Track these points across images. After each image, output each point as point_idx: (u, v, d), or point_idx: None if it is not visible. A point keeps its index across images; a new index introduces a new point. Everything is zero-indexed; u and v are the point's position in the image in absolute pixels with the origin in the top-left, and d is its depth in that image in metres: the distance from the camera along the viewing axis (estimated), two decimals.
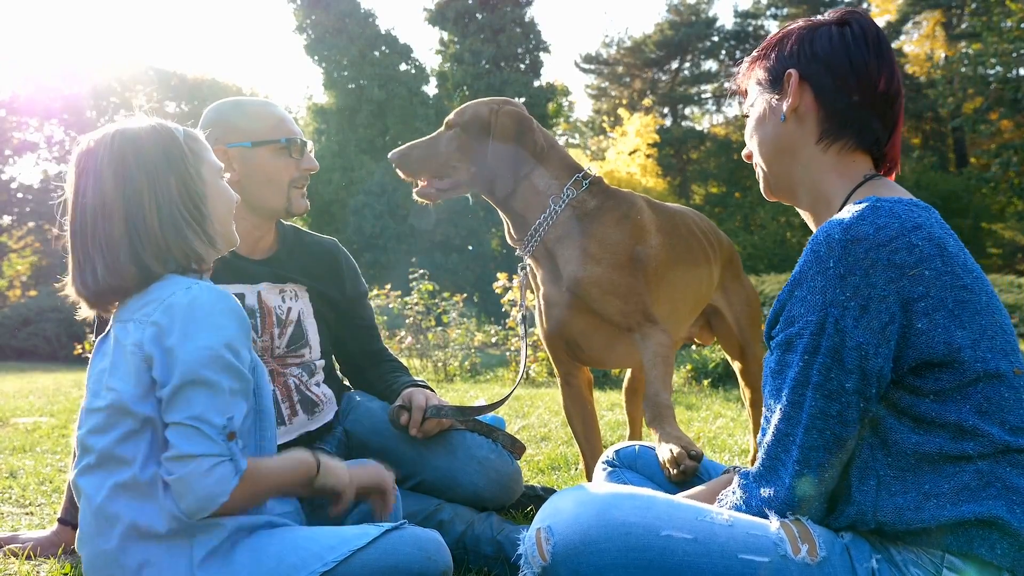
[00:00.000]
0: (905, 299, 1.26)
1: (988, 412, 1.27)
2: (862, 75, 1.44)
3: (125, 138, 1.62)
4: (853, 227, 1.28)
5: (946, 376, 1.27)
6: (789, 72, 1.48)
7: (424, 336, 9.85)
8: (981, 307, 1.30)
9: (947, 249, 1.29)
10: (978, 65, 25.76)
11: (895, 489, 1.28)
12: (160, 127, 1.66)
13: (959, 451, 1.26)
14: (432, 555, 1.62)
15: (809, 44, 1.48)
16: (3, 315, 19.58)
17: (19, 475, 3.51)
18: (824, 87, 1.46)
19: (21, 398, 7.31)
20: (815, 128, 1.48)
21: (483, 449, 2.39)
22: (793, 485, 1.31)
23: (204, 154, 1.70)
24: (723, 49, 37.86)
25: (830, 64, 1.45)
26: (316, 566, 1.52)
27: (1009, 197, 26.72)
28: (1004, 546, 1.22)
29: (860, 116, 1.46)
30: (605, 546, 1.24)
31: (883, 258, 1.25)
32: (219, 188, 1.71)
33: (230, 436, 1.48)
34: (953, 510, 1.23)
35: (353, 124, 29.65)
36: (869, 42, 1.45)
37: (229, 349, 1.51)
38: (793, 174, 1.53)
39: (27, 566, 2.14)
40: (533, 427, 4.83)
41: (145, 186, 1.59)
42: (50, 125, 30.53)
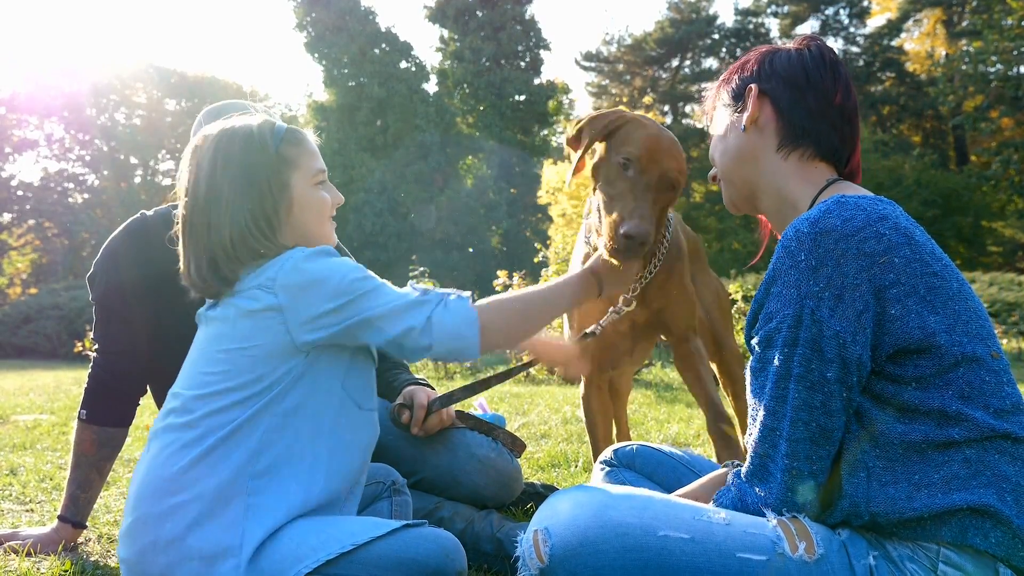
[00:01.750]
0: (877, 286, 1.29)
1: (971, 397, 1.29)
2: (818, 89, 1.52)
3: (222, 141, 1.69)
4: (821, 220, 1.31)
5: (924, 362, 1.29)
6: (750, 86, 1.56)
7: None
8: (953, 293, 1.33)
9: (914, 238, 1.33)
10: (979, 63, 25.77)
11: (886, 479, 1.29)
12: (258, 132, 1.71)
13: (945, 437, 1.27)
14: (451, 553, 1.62)
15: (769, 63, 1.57)
16: (3, 313, 19.60)
17: (19, 472, 3.51)
18: (782, 99, 1.54)
19: (21, 396, 7.32)
20: (774, 137, 1.55)
21: (483, 447, 2.40)
22: (785, 481, 1.32)
23: (301, 160, 1.74)
24: (723, 47, 37.87)
25: (787, 78, 1.54)
26: (335, 547, 1.54)
27: (1009, 195, 26.71)
28: (997, 535, 1.23)
29: (817, 126, 1.53)
30: (602, 547, 1.24)
31: (852, 248, 1.29)
32: (309, 197, 1.75)
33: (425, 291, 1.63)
34: (944, 499, 1.24)
35: (353, 122, 29.67)
36: (826, 62, 1.54)
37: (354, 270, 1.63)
38: (754, 181, 1.59)
39: (27, 563, 2.14)
40: (533, 424, 4.84)
41: (226, 194, 1.66)
42: (50, 123, 30.56)
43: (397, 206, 28.66)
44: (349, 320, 1.58)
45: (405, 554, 1.57)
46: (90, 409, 2.33)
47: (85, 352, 9.01)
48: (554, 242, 14.41)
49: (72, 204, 31.02)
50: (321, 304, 1.57)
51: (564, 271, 9.39)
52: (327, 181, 1.83)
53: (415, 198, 28.83)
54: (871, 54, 35.66)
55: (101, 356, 2.35)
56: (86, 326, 15.69)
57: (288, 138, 1.73)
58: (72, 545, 2.31)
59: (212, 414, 1.57)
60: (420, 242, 27.81)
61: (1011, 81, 25.05)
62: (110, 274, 2.33)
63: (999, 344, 1.36)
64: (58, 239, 29.77)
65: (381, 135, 29.88)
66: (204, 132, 1.73)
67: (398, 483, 2.02)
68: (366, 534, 1.56)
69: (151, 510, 1.56)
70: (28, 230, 29.49)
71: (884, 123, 35.77)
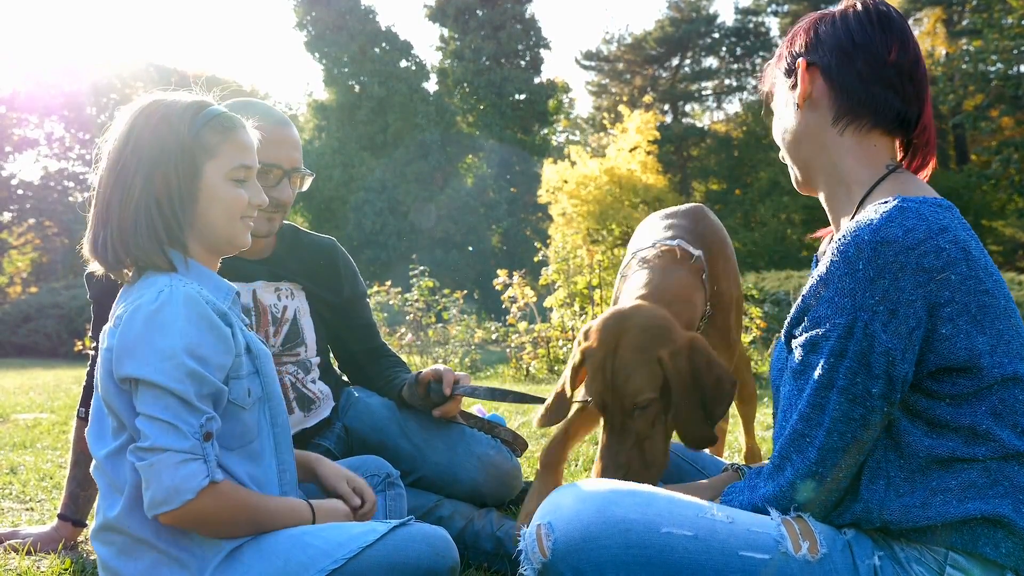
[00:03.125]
0: (932, 303, 1.25)
1: (1002, 415, 1.27)
2: (867, 50, 1.43)
3: (143, 112, 1.59)
4: (882, 229, 1.26)
5: (964, 381, 1.27)
6: (800, 61, 1.50)
7: (424, 333, 9.86)
8: (1000, 311, 1.29)
9: (971, 253, 1.29)
10: (979, 62, 25.75)
11: (903, 490, 1.28)
12: (181, 109, 1.60)
13: (971, 455, 1.26)
14: (441, 551, 1.61)
15: (813, 32, 1.50)
16: (4, 311, 19.58)
17: (19, 471, 3.51)
18: (830, 68, 1.46)
19: (22, 394, 7.31)
20: (829, 110, 1.48)
21: (483, 445, 2.39)
22: (795, 483, 1.31)
23: (220, 149, 1.61)
24: (724, 46, 37.84)
25: (834, 46, 1.46)
26: (326, 563, 1.51)
27: (1010, 194, 26.70)
28: (1009, 545, 1.22)
29: (873, 92, 1.44)
30: (605, 543, 1.24)
31: (912, 262, 1.24)
32: (221, 191, 1.61)
33: (206, 436, 1.47)
34: (959, 507, 1.23)
35: (353, 121, 29.66)
36: (872, 19, 1.45)
37: (192, 355, 1.46)
38: (812, 160, 1.52)
39: (27, 561, 2.14)
40: (533, 424, 4.82)
41: (132, 167, 1.56)
42: (50, 122, 30.50)
43: (397, 205, 28.64)
44: (126, 403, 1.50)
45: (397, 558, 1.56)
46: (89, 407, 2.32)
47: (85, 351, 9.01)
48: (554, 241, 14.42)
49: (72, 203, 30.94)
50: (122, 370, 1.48)
51: (563, 269, 9.40)
52: (252, 180, 1.68)
53: (415, 197, 28.81)
54: None
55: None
56: (86, 325, 15.66)
57: (214, 124, 1.61)
58: (72, 543, 2.31)
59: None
60: (420, 241, 27.79)
61: (1011, 80, 25.01)
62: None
63: None
64: (58, 238, 29.74)
65: (381, 134, 29.86)
66: (139, 100, 1.63)
67: (392, 476, 2.01)
68: (355, 543, 1.55)
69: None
70: (28, 229, 29.46)
71: None
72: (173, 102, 1.61)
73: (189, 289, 1.52)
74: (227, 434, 1.58)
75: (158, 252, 1.55)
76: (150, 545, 1.52)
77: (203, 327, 1.50)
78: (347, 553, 1.53)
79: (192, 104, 1.62)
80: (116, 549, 1.55)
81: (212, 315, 1.52)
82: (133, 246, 1.55)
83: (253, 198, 1.67)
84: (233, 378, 1.57)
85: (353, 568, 1.52)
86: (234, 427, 1.59)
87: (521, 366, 8.61)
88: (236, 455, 1.60)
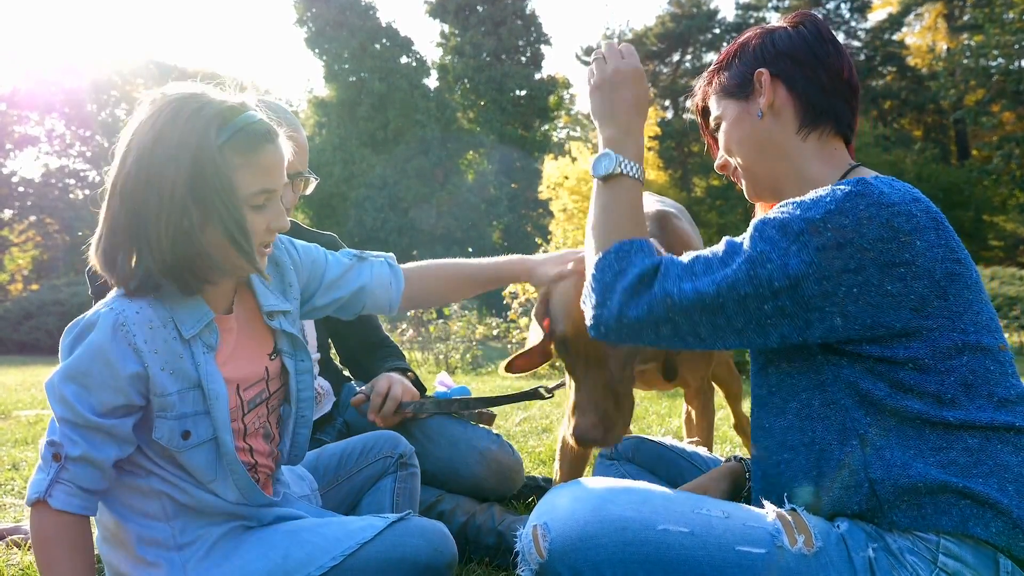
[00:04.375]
0: (887, 261, 1.26)
1: (974, 384, 1.28)
2: (827, 65, 1.50)
3: (172, 113, 1.42)
4: (859, 185, 1.30)
5: (917, 345, 1.28)
6: (759, 71, 1.52)
7: (425, 329, 9.88)
8: (971, 282, 1.32)
9: (942, 223, 1.31)
10: (980, 57, 25.74)
11: (880, 444, 1.29)
12: (209, 119, 1.42)
13: (940, 419, 1.27)
14: (439, 546, 1.62)
15: (771, 44, 1.54)
16: (5, 309, 19.62)
17: (21, 467, 3.52)
18: (795, 78, 1.51)
19: (23, 391, 7.33)
20: (793, 120, 1.51)
21: (485, 440, 2.40)
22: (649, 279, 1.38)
23: (237, 174, 1.44)
24: (725, 41, 37.74)
25: (796, 58, 1.51)
26: (324, 560, 1.52)
27: (1011, 189, 26.70)
28: (999, 524, 1.23)
29: (833, 104, 1.51)
30: (602, 541, 1.24)
31: (882, 216, 1.26)
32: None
33: (55, 457, 1.42)
34: (940, 473, 1.25)
35: (354, 117, 29.65)
36: (825, 37, 1.52)
37: (72, 381, 1.41)
38: (777, 169, 1.55)
39: (30, 557, 2.15)
40: (534, 419, 4.84)
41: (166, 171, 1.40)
42: (51, 119, 30.55)
43: (398, 202, 28.64)
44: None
45: (394, 554, 1.56)
46: None
47: None
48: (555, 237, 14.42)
49: (73, 200, 31.00)
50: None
51: None
52: (274, 201, 1.52)
53: (415, 193, 28.81)
54: (872, 48, 35.58)
55: None
56: None
57: (235, 144, 1.43)
58: None
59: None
60: (420, 238, 27.79)
61: (1012, 75, 25.01)
62: None
63: (1004, 338, 1.35)
64: (59, 235, 29.78)
65: (382, 130, 29.84)
66: (165, 92, 1.46)
67: (405, 455, 1.99)
68: (353, 540, 1.55)
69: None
70: (29, 226, 29.50)
71: (885, 117, 35.71)
72: (203, 103, 1.44)
73: (125, 316, 1.43)
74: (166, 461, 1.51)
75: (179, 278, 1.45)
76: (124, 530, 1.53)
77: (98, 358, 1.41)
78: (345, 549, 1.53)
79: (224, 108, 1.44)
80: (99, 536, 1.57)
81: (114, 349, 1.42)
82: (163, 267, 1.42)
83: (273, 223, 1.51)
84: (158, 417, 1.46)
85: (351, 564, 1.53)
86: (170, 460, 1.51)
87: None
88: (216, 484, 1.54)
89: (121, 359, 1.42)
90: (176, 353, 1.47)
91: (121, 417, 1.44)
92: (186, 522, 1.53)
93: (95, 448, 1.42)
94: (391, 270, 1.92)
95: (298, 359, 1.71)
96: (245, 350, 1.61)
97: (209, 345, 1.51)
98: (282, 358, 1.69)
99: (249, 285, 1.67)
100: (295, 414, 1.72)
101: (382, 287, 1.88)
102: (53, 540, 1.42)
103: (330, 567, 1.52)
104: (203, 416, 1.49)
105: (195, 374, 1.48)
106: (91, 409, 1.41)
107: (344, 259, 1.88)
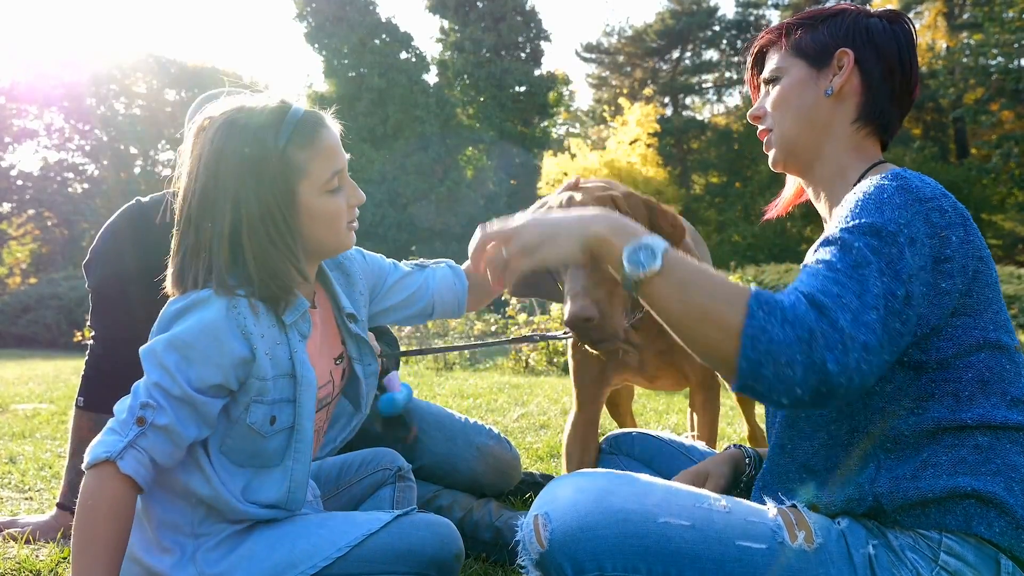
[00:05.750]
0: (935, 257, 1.26)
1: (989, 381, 1.28)
2: (905, 73, 1.48)
3: (225, 133, 1.48)
4: (900, 178, 1.29)
5: (944, 344, 1.28)
6: (844, 50, 1.48)
7: (424, 325, 9.86)
8: (991, 281, 1.32)
9: (969, 221, 1.31)
10: (979, 55, 25.76)
11: (891, 465, 1.29)
12: (264, 123, 1.49)
13: (958, 422, 1.26)
14: (445, 539, 1.62)
15: (866, 30, 1.49)
16: (3, 302, 19.61)
17: (19, 461, 3.52)
18: (873, 74, 1.48)
19: (21, 385, 7.32)
20: (854, 110, 1.49)
21: (482, 436, 2.40)
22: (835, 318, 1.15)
23: (311, 166, 1.52)
24: (724, 39, 37.76)
25: (882, 55, 1.48)
26: (330, 551, 1.53)
27: (1010, 188, 26.74)
28: (1002, 524, 1.22)
29: (892, 112, 1.50)
30: (602, 532, 1.24)
31: (923, 212, 1.26)
32: (319, 207, 1.54)
33: (139, 420, 1.42)
34: (949, 480, 1.24)
35: (353, 112, 29.60)
36: (913, 46, 1.50)
37: (175, 349, 1.44)
38: (820, 147, 1.52)
39: (26, 550, 2.14)
40: (532, 415, 4.84)
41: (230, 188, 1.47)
42: (50, 112, 30.51)
43: (397, 197, 28.63)
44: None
45: (401, 545, 1.57)
46: (88, 396, 2.33)
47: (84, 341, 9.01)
48: None
49: (72, 194, 30.98)
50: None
51: None
52: (344, 177, 1.60)
53: (415, 189, 28.79)
54: None
55: (98, 343, 2.35)
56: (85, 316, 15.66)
57: (297, 137, 1.50)
58: (70, 532, 2.31)
59: None
60: (419, 234, 27.78)
61: (1012, 74, 25.01)
62: (108, 260, 2.32)
63: (1017, 339, 1.34)
64: (58, 229, 29.74)
65: (381, 126, 29.81)
66: (209, 114, 1.53)
67: (403, 469, 2.01)
68: (359, 531, 1.56)
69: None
70: (28, 220, 29.46)
71: None
72: (249, 117, 1.50)
73: (236, 299, 1.48)
74: (236, 450, 1.55)
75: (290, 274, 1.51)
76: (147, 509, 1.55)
77: (207, 334, 1.44)
78: (351, 541, 1.54)
79: (270, 115, 1.51)
80: None
81: (225, 329, 1.46)
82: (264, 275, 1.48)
83: (351, 199, 1.61)
84: (255, 401, 1.51)
85: (357, 555, 1.53)
86: (245, 446, 1.54)
87: (520, 358, 8.62)
88: (244, 471, 1.56)
89: (230, 340, 1.46)
90: (275, 339, 1.52)
91: (213, 397, 1.47)
92: (209, 514, 1.54)
93: (181, 421, 1.44)
94: (452, 272, 1.99)
95: (365, 363, 1.78)
96: (325, 347, 1.67)
97: (303, 334, 1.57)
98: (350, 363, 1.75)
99: (328, 287, 1.73)
100: (358, 417, 1.81)
101: (447, 288, 1.95)
102: (105, 509, 1.39)
103: (336, 557, 1.52)
104: (288, 404, 1.54)
105: (289, 361, 1.53)
106: (189, 381, 1.43)
107: (406, 266, 1.97)
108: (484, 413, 4.96)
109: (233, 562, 1.52)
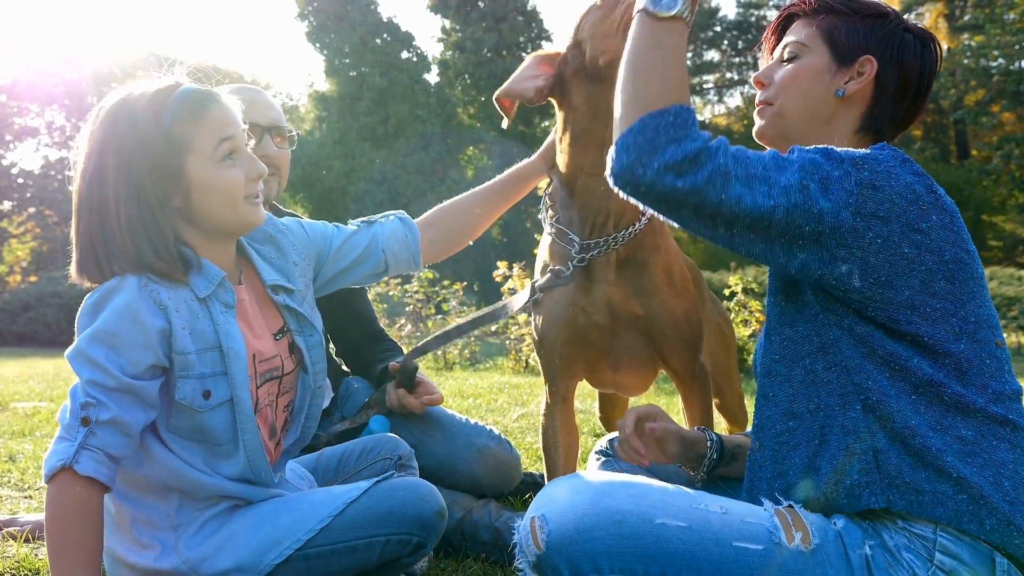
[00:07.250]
0: (906, 223, 1.27)
1: (968, 373, 1.29)
2: (917, 99, 1.51)
3: (110, 120, 1.50)
4: (887, 146, 1.33)
5: (917, 319, 1.29)
6: (869, 59, 1.48)
7: (424, 324, 9.86)
8: (976, 276, 1.33)
9: (956, 214, 1.32)
10: (980, 57, 25.78)
11: (884, 411, 1.29)
12: (146, 107, 1.49)
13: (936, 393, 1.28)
14: (425, 496, 1.63)
15: (899, 44, 1.49)
16: (3, 300, 19.58)
17: (18, 459, 3.52)
18: (888, 89, 1.49)
19: (21, 383, 7.31)
20: (859, 115, 1.51)
21: (482, 437, 2.40)
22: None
23: (196, 139, 1.49)
24: (725, 39, 37.77)
25: (904, 73, 1.49)
26: (312, 523, 1.54)
27: (1010, 190, 26.74)
28: (992, 521, 1.23)
29: (891, 129, 1.52)
30: (599, 534, 1.24)
31: (907, 174, 1.28)
32: (212, 179, 1.51)
33: (83, 421, 1.41)
34: (940, 442, 1.25)
35: (354, 112, 29.60)
36: (934, 71, 1.51)
37: (99, 342, 1.44)
38: (813, 134, 1.51)
39: (25, 549, 2.15)
40: (532, 415, 4.84)
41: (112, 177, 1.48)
42: (51, 111, 30.49)
43: (397, 196, 28.60)
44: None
45: (381, 508, 1.58)
46: None
47: None
48: None
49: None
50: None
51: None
52: (242, 151, 1.55)
53: (415, 188, 28.78)
54: None
55: None
56: None
57: (182, 113, 1.48)
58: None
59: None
60: None
61: (1013, 76, 25.03)
62: None
63: (1003, 336, 1.35)
64: (58, 227, 29.69)
65: (382, 125, 29.79)
66: (99, 106, 1.54)
67: (404, 456, 2.00)
68: (339, 501, 1.57)
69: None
70: (28, 218, 29.41)
71: None
72: (136, 100, 1.50)
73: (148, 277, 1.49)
74: (182, 428, 1.54)
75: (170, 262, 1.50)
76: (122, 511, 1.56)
77: (127, 317, 1.44)
78: (332, 511, 1.55)
79: (156, 95, 1.50)
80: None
81: (142, 307, 1.46)
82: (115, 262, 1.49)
83: (250, 172, 1.55)
84: (180, 376, 1.49)
85: (339, 524, 1.55)
86: (187, 423, 1.53)
87: (520, 358, 8.62)
88: (199, 446, 1.56)
89: (150, 315, 1.45)
90: (194, 313, 1.51)
91: (149, 379, 1.47)
92: (183, 502, 1.54)
93: (125, 411, 1.43)
94: (403, 224, 1.96)
95: (306, 334, 1.74)
96: (257, 322, 1.65)
97: (227, 304, 1.56)
98: (292, 336, 1.72)
99: (250, 259, 1.70)
100: (312, 386, 1.76)
101: (398, 241, 1.92)
102: (71, 514, 1.39)
103: (320, 529, 1.54)
104: (221, 377, 1.52)
105: (213, 334, 1.52)
106: (122, 369, 1.43)
107: (352, 225, 1.93)
108: (484, 413, 4.96)
109: (217, 544, 1.53)
